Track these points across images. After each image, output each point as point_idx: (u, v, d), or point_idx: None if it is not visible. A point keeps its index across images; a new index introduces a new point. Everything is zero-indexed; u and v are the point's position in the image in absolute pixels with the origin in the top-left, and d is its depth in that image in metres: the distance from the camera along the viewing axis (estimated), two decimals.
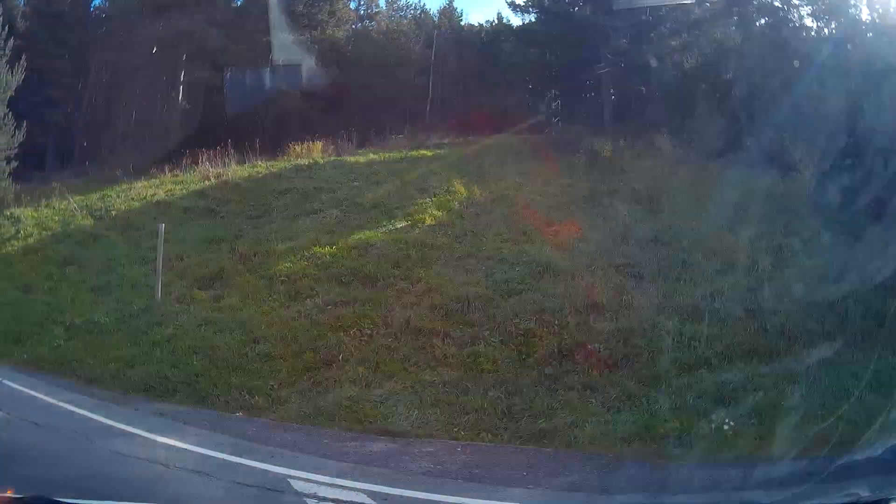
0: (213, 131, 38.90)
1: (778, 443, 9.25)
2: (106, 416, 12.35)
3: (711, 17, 38.06)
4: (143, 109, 47.72)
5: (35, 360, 16.59)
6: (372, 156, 32.10)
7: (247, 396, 13.28)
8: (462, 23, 54.84)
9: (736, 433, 9.85)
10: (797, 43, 31.68)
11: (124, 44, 44.88)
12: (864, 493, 5.67)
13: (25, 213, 30.22)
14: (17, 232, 28.17)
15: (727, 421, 10.05)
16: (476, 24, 54.01)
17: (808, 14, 34.87)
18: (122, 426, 11.73)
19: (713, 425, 10.00)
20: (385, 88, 44.31)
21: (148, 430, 11.42)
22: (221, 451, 10.45)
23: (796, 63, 27.06)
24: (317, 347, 14.90)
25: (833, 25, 33.29)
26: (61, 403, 13.30)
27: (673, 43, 36.92)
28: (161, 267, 18.99)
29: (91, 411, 12.72)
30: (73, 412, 12.76)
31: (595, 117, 38.40)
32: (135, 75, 47.06)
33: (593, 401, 11.82)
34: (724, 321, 13.60)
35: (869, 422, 8.90)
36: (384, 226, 21.92)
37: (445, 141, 35.89)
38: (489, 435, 11.20)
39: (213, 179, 30.39)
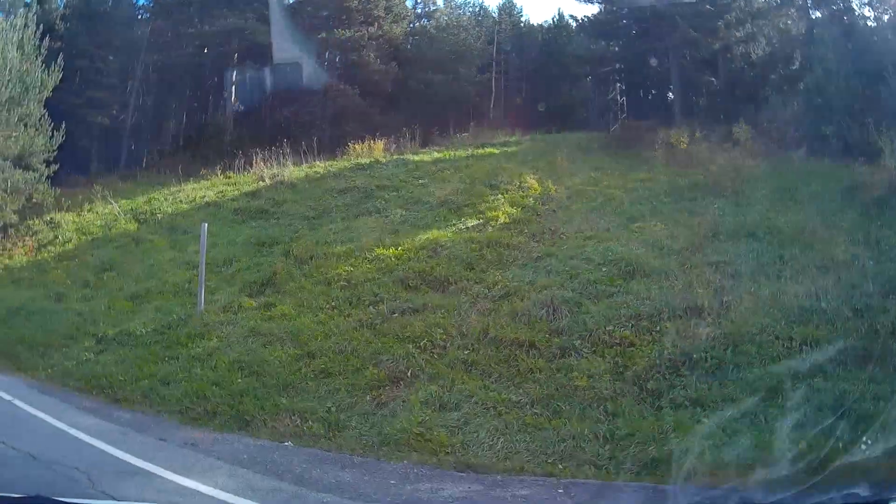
0: (267, 131, 40.45)
1: None
2: (123, 449, 10.42)
3: (775, 6, 38.02)
4: (193, 111, 48.59)
5: (59, 375, 15.31)
6: (436, 154, 31.49)
7: (298, 421, 11.66)
8: (522, 19, 55.10)
9: (868, 455, 7.96)
10: (862, 31, 31.98)
11: (171, 43, 45.46)
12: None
13: (66, 218, 30.00)
14: (55, 237, 27.93)
15: (864, 441, 8.18)
16: (536, 24, 54.95)
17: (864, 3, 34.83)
18: (140, 462, 9.79)
19: (840, 443, 8.31)
20: (447, 86, 44.29)
21: (169, 468, 9.49)
22: (255, 502, 8.50)
23: (865, 50, 27.23)
24: (381, 362, 13.36)
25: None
26: (72, 430, 11.49)
27: (738, 33, 36.59)
28: (204, 272, 17.91)
29: (107, 441, 10.82)
30: (83, 442, 10.88)
31: (662, 110, 38.75)
32: (183, 76, 47.51)
33: (705, 420, 10.21)
34: (832, 322, 12.47)
35: None
36: (454, 224, 21.11)
37: (511, 139, 35.08)
38: (592, 468, 9.46)
39: (267, 180, 29.72)
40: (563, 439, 10.23)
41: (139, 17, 49.74)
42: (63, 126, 33.57)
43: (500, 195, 23.25)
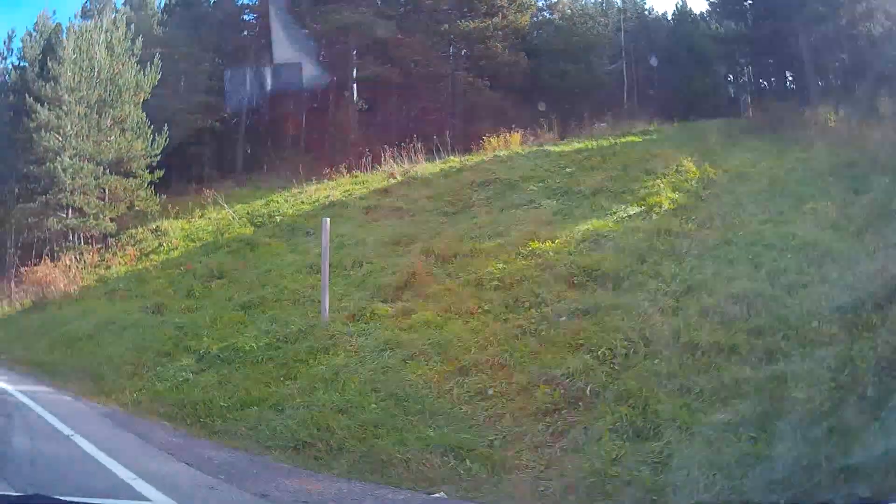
0: (393, 128, 40.24)
1: None
2: None
3: None
4: (313, 111, 47.40)
5: (147, 400, 13.48)
6: (577, 144, 29.82)
7: (452, 460, 8.97)
8: (646, 6, 54.39)
9: None
10: None
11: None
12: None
13: (174, 225, 30.37)
14: (160, 245, 28.24)
15: None
16: (661, 12, 54.80)
17: None
18: None
19: None
20: (579, 76, 43.28)
21: None
22: None
23: None
24: (552, 378, 10.61)
25: None
26: (139, 483, 8.46)
27: (859, 9, 34.40)
28: (328, 274, 16.10)
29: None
30: None
31: (797, 91, 38.64)
32: (300, 75, 44.18)
33: None
34: None
35: None
36: (613, 213, 19.31)
37: (650, 127, 33.54)
38: None
39: (399, 177, 29.23)
40: (790, 469, 7.69)
41: (243, 17, 50.18)
42: (166, 130, 33.59)
43: (658, 180, 21.56)
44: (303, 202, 29.22)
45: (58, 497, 4.88)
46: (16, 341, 22.25)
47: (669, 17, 50.86)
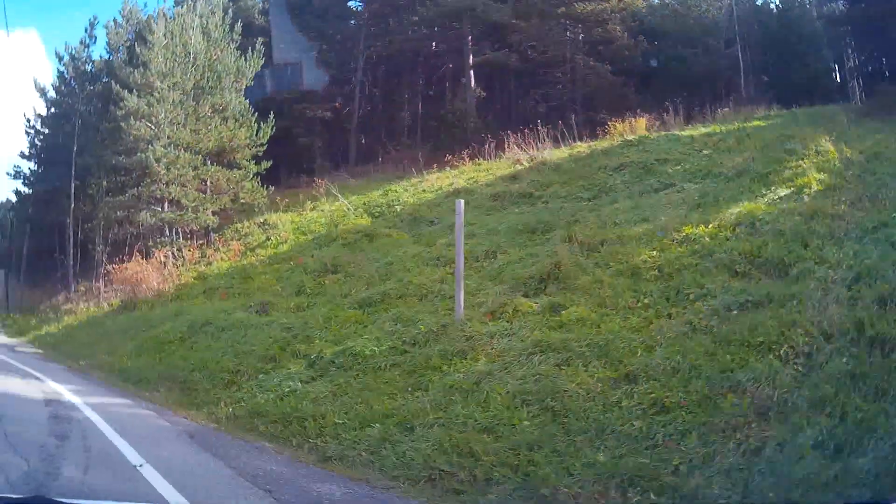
0: (512, 115, 41.01)
1: None
2: None
3: None
4: (428, 99, 49.64)
5: (246, 414, 12.03)
6: (703, 129, 28.87)
7: (629, 491, 7.47)
8: None
9: None
10: None
11: (392, 30, 46.01)
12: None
13: (283, 218, 30.39)
14: (267, 239, 28.26)
15: None
16: None
17: None
18: None
19: None
20: (696, 61, 43.54)
21: None
22: None
23: None
24: (737, 384, 9.01)
25: None
26: None
27: None
28: (463, 265, 14.37)
29: None
30: None
31: None
32: (412, 63, 47.99)
33: None
34: None
35: None
36: (763, 195, 18.12)
37: (770, 112, 32.76)
38: None
39: (525, 163, 28.46)
40: None
41: (348, 4, 50.81)
42: (272, 118, 33.67)
43: (800, 161, 20.22)
44: (424, 191, 28.86)
45: (58, 499, 4.89)
46: (99, 345, 21.58)
47: (777, 1, 50.94)
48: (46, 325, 30.75)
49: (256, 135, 33.15)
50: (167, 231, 31.49)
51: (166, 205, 30.93)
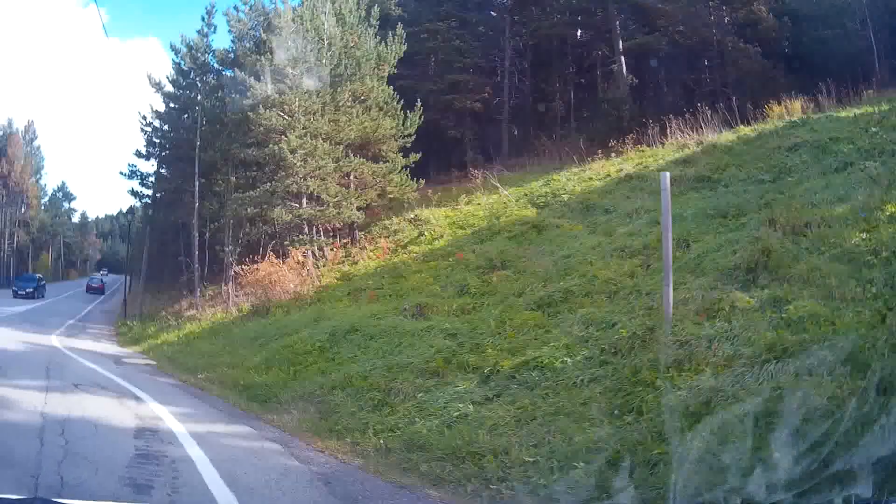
0: (664, 100, 40.77)
1: None
2: None
3: None
4: (580, 87, 48.55)
5: (402, 447, 9.81)
6: (856, 110, 26.83)
7: None
8: None
9: None
10: None
11: (537, 17, 45.51)
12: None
13: (435, 213, 29.51)
14: (419, 235, 27.32)
15: None
16: None
17: None
18: None
19: None
20: (837, 42, 40.63)
21: None
22: None
23: None
24: None
25: None
26: None
27: None
28: (671, 255, 12.07)
29: None
30: None
31: None
32: (562, 50, 48.35)
33: None
34: None
35: None
36: None
37: None
38: None
39: (692, 147, 27.69)
40: None
41: None
42: (420, 106, 33.20)
43: None
44: (590, 178, 27.64)
45: (59, 500, 4.90)
46: (222, 355, 20.26)
47: None
48: (165, 332, 30.03)
49: (403, 124, 32.06)
50: (305, 229, 30.17)
51: (304, 200, 29.61)
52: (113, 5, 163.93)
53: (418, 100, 33.65)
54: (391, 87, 33.36)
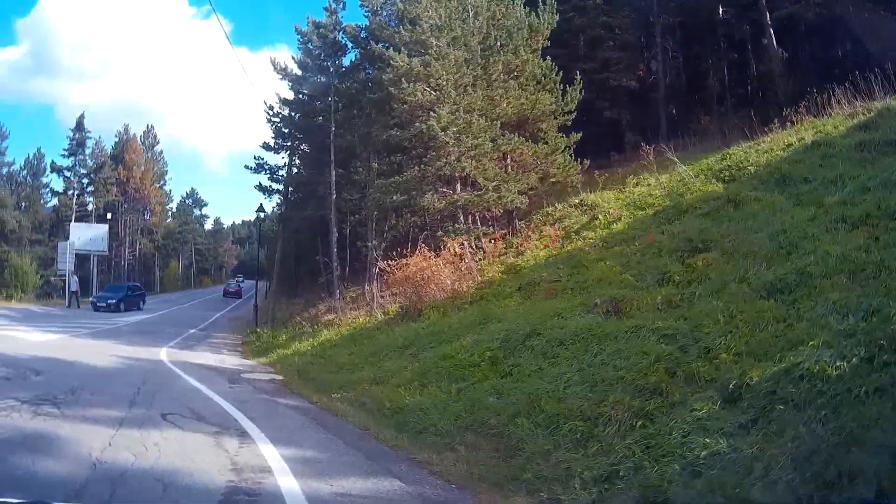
0: (815, 70, 38.91)
1: None
2: None
3: None
4: (733, 64, 48.14)
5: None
6: None
7: None
8: None
9: None
10: None
11: None
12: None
13: (603, 196, 28.36)
14: (591, 220, 26.15)
15: None
16: None
17: None
18: None
19: None
20: None
21: None
22: None
23: None
24: None
25: None
26: None
27: None
28: None
29: None
30: None
31: None
32: (711, 26, 46.92)
33: None
34: None
35: None
36: None
37: None
38: None
39: (862, 114, 26.14)
40: None
41: None
42: (580, 80, 32.24)
43: None
44: (772, 149, 26.09)
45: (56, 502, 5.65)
46: (364, 368, 18.26)
47: None
48: (298, 340, 28.86)
49: (562, 99, 30.42)
50: (461, 217, 28.23)
51: (458, 185, 27.97)
52: (234, 16, 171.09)
53: (576, 75, 32.08)
54: (547, 58, 31.67)
